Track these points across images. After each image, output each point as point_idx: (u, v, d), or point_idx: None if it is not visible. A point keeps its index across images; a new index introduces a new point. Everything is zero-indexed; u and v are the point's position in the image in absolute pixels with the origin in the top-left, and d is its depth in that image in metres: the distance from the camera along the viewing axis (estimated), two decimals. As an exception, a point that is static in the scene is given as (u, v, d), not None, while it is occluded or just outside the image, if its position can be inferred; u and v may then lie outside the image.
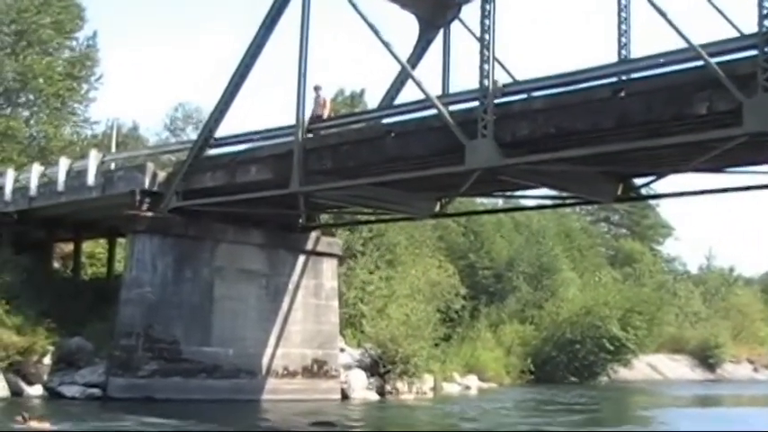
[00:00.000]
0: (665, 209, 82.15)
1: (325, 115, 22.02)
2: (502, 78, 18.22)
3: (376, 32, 19.04)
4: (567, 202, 25.72)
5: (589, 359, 45.09)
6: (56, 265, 33.92)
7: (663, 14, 14.93)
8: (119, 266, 31.27)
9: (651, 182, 20.43)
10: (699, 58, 14.56)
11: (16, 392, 23.55)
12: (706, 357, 64.69)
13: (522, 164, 17.66)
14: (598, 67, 16.75)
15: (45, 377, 24.31)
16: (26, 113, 41.85)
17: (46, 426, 16.71)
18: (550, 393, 34.66)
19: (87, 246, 34.50)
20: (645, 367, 56.86)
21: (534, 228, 54.22)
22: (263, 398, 25.28)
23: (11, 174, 30.16)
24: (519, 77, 18.93)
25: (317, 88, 22.41)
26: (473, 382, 37.38)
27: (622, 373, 49.37)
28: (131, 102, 79.43)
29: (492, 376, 39.84)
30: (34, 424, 16.49)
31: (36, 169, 29.23)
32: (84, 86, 43.41)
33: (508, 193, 24.64)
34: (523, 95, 17.97)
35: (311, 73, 21.01)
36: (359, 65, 78.37)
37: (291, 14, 21.05)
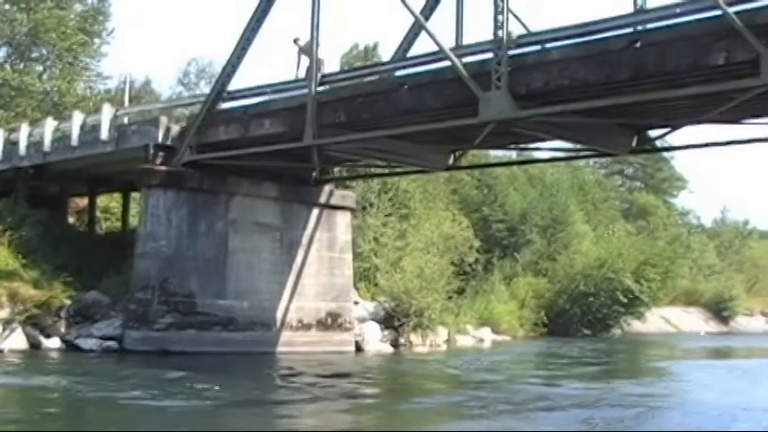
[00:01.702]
0: (680, 161, 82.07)
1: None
2: (516, 30, 18.04)
3: (389, -17, 18.90)
4: (581, 154, 25.58)
5: (602, 312, 45.08)
6: (71, 219, 34.13)
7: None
8: (133, 221, 31.47)
9: (666, 134, 20.30)
10: (716, 7, 14.39)
11: (34, 345, 23.81)
12: (720, 310, 64.87)
13: (536, 116, 17.59)
14: (613, 18, 16.50)
15: (62, 330, 24.52)
16: (39, 68, 42.04)
17: None
18: (563, 346, 34.79)
19: (102, 200, 34.72)
20: (658, 320, 57.00)
21: (548, 181, 54.07)
22: (278, 350, 25.48)
23: (25, 129, 30.24)
24: (533, 28, 18.73)
25: (296, 41, 22.38)
26: (487, 334, 37.49)
27: (636, 325, 49.46)
28: (144, 57, 79.27)
29: (505, 329, 39.94)
30: None
31: (50, 124, 29.25)
32: (97, 41, 43.53)
33: (522, 146, 24.51)
34: (538, 47, 17.80)
35: (324, 26, 20.95)
36: (372, 18, 77.87)
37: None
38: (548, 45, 17.60)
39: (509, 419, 14.19)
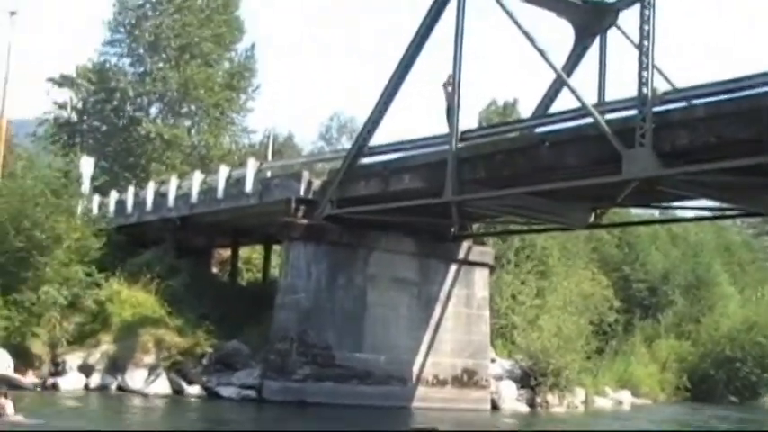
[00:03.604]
0: (835, 222, 78.00)
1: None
2: (661, 86, 17.75)
3: (531, 40, 18.90)
4: (728, 213, 24.78)
5: (751, 379, 43.19)
6: (214, 270, 35.09)
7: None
8: (274, 272, 32.09)
9: (820, 193, 19.44)
10: None
11: (177, 391, 24.52)
12: None
13: (681, 174, 17.15)
14: (764, 74, 16.06)
15: (203, 377, 25.11)
16: (188, 123, 43.76)
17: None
18: (708, 412, 33.46)
19: (244, 252, 35.55)
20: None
21: (691, 240, 52.60)
22: (414, 405, 25.36)
23: (174, 181, 31.45)
24: (678, 85, 18.38)
25: (446, 86, 22.48)
26: (626, 397, 36.47)
27: (789, 394, 47.07)
28: (287, 112, 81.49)
29: (646, 392, 38.79)
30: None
31: (197, 177, 30.36)
32: (243, 97, 45.02)
33: (665, 204, 23.93)
34: (683, 103, 17.44)
35: (465, 82, 20.99)
36: (512, 75, 77.97)
37: (446, 24, 21.14)
38: (694, 102, 17.23)
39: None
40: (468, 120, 31.20)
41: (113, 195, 33.83)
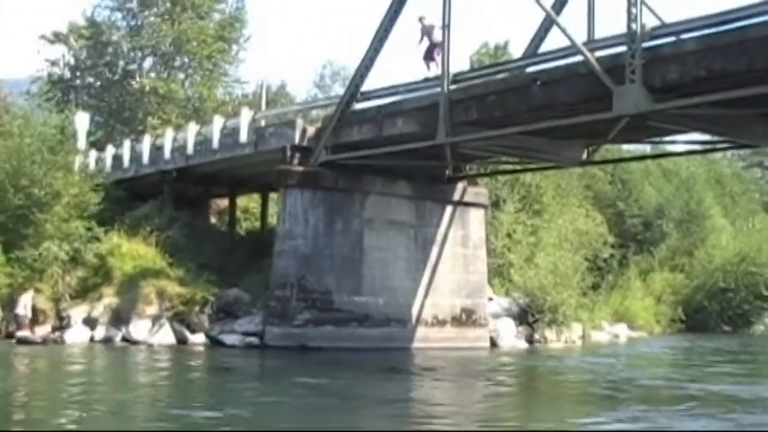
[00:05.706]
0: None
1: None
2: (650, 22, 17.83)
3: (520, -20, 18.96)
4: (719, 146, 24.97)
5: (743, 308, 43.84)
6: (213, 220, 35.37)
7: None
8: (271, 220, 32.37)
9: (810, 123, 19.62)
10: None
11: (181, 340, 24.92)
12: None
13: (672, 108, 17.31)
14: (753, 5, 16.10)
15: (206, 326, 25.49)
16: (181, 76, 43.76)
17: None
18: (703, 343, 33.95)
19: (241, 201, 35.82)
20: (805, 316, 54.68)
21: (683, 174, 52.92)
22: (414, 346, 25.82)
23: (169, 134, 31.59)
24: (667, 20, 18.46)
25: (421, 19, 22.67)
26: (622, 330, 37.03)
27: (780, 322, 47.75)
28: (280, 62, 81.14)
29: (641, 325, 39.37)
30: None
31: (192, 129, 30.53)
32: (234, 48, 44.98)
33: (656, 140, 24.11)
34: (672, 38, 17.55)
35: (455, 25, 21.10)
36: (502, 16, 77.45)
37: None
38: (683, 36, 17.33)
39: (664, 420, 13.52)
40: (460, 63, 31.25)
41: (110, 150, 33.98)
